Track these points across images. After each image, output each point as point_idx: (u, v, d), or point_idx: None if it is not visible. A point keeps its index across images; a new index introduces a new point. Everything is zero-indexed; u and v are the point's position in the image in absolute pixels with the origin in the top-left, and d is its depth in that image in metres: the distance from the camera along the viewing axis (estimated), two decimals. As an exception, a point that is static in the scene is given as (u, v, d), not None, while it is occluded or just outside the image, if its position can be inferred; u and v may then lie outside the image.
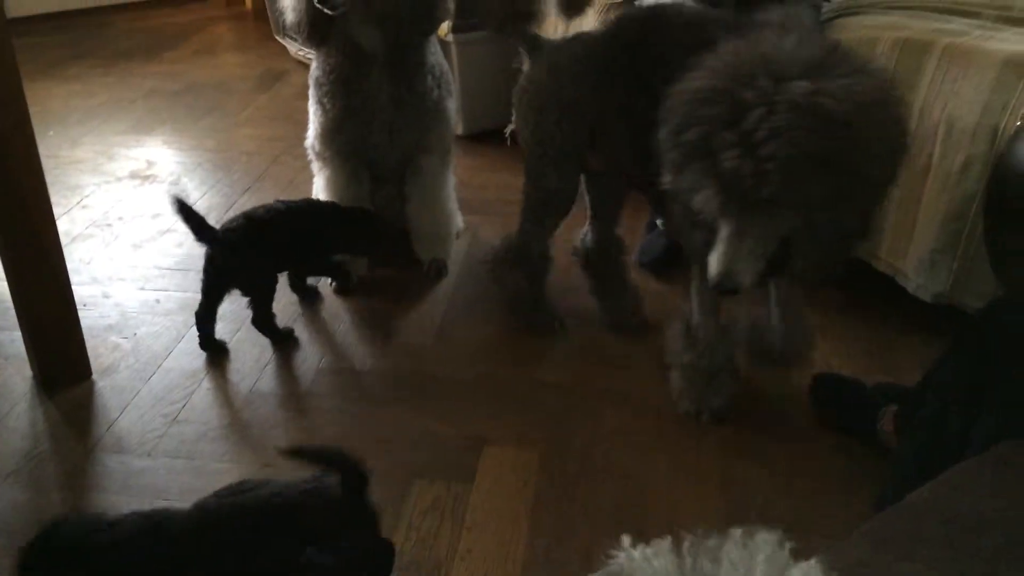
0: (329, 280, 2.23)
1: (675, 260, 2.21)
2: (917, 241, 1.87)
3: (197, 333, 1.97)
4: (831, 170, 1.20)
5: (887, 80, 1.37)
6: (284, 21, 2.16)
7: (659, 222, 2.30)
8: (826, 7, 2.13)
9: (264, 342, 2.00)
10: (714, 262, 1.32)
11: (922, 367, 1.49)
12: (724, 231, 1.31)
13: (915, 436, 1.30)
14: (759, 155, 1.19)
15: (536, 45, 1.86)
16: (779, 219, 1.27)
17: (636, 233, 2.32)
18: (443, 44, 2.71)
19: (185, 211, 1.88)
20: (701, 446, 1.67)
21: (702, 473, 1.60)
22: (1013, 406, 1.14)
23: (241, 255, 1.93)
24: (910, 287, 1.90)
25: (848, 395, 1.69)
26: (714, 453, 1.66)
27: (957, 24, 1.95)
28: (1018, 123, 1.47)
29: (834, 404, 1.71)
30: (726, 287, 1.32)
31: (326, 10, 1.93)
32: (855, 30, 1.96)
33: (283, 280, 2.09)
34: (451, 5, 2.12)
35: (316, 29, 2.06)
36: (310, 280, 2.20)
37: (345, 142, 2.19)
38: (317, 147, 2.23)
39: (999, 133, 1.68)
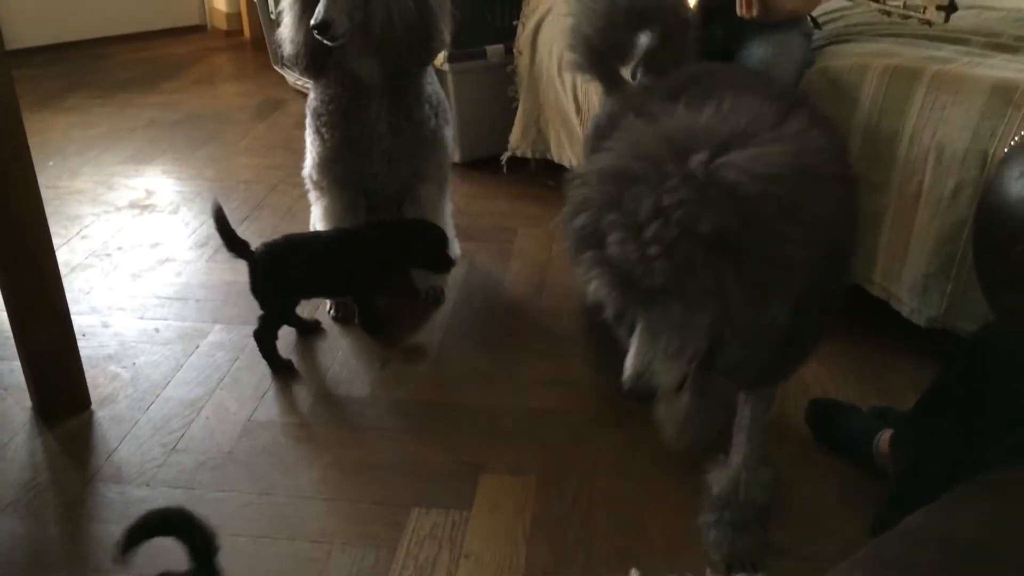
0: (328, 308, 2.24)
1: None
2: (910, 265, 1.88)
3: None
4: (731, 255, 1.00)
5: (826, 150, 1.16)
6: (282, 52, 2.18)
7: None
8: (817, 35, 2.16)
9: (263, 371, 2.00)
10: (628, 362, 1.13)
11: (917, 391, 1.50)
12: (638, 326, 1.13)
13: (910, 460, 1.31)
14: (643, 239, 1.01)
15: (614, 86, 1.80)
16: (693, 311, 1.08)
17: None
18: (439, 73, 2.74)
19: (220, 223, 2.00)
20: (698, 472, 1.67)
21: (699, 499, 1.60)
22: (1006, 430, 1.14)
23: (261, 272, 2.01)
24: (904, 311, 1.91)
25: (843, 419, 1.70)
26: (711, 478, 1.66)
27: (946, 51, 1.98)
28: (1006, 150, 1.49)
29: (830, 429, 1.72)
30: (640, 392, 1.12)
31: (326, 41, 1.95)
32: (846, 57, 1.99)
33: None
34: (447, 36, 2.14)
35: (315, 60, 2.09)
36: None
37: (343, 171, 2.20)
38: (315, 176, 2.25)
39: (989, 158, 1.70)
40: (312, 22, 1.92)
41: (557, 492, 1.64)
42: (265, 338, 2.01)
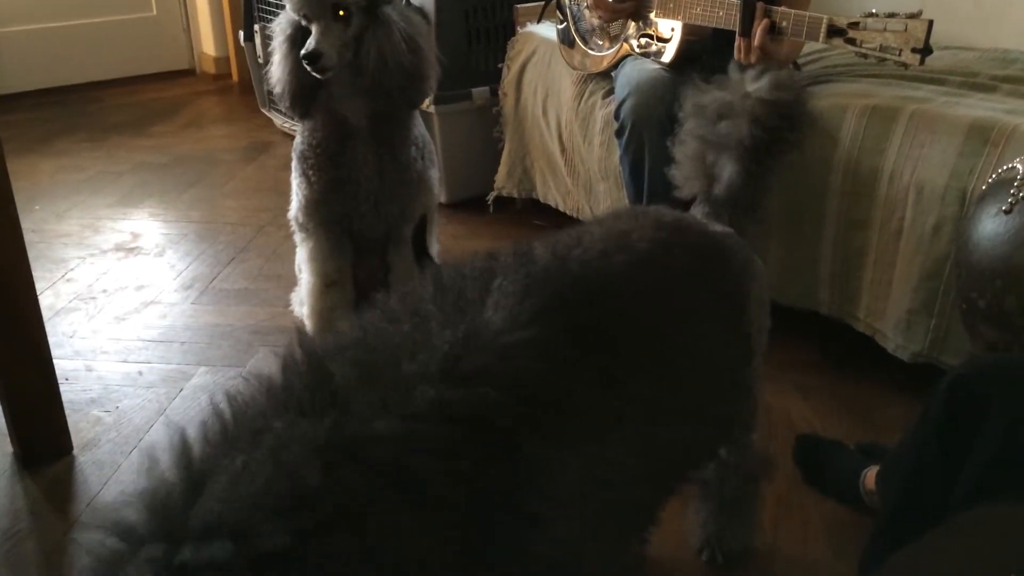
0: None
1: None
2: (894, 301, 1.89)
3: None
4: None
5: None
6: (274, 92, 2.20)
7: None
8: (797, 75, 2.19)
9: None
10: None
11: (904, 426, 1.50)
12: None
13: (895, 497, 1.30)
14: None
15: None
16: None
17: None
18: (425, 115, 2.76)
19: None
20: (687, 506, 1.66)
21: (688, 531, 1.59)
22: (986, 468, 1.14)
23: None
24: (889, 347, 1.91)
25: (830, 456, 1.70)
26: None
27: (924, 91, 2.01)
28: (983, 187, 1.51)
29: (816, 466, 1.71)
30: None
31: (315, 73, 1.96)
32: (825, 97, 2.01)
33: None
34: (434, 82, 2.16)
35: (301, 98, 2.10)
36: None
37: (329, 213, 2.21)
38: (301, 218, 2.25)
39: (968, 196, 1.72)
40: (303, 52, 1.94)
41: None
42: None
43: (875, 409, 1.95)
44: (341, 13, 1.96)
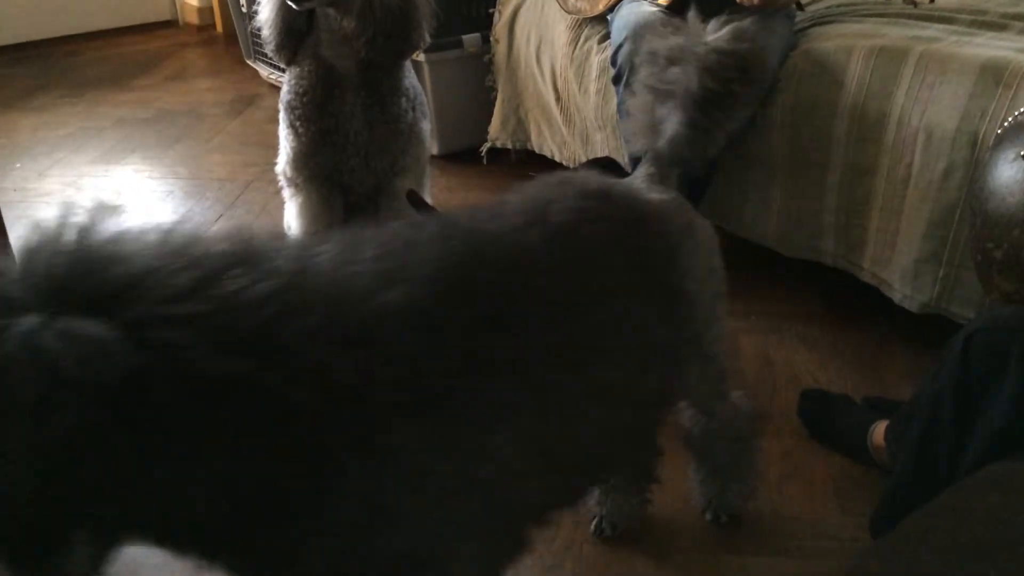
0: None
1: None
2: (901, 251, 1.84)
3: None
4: None
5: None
6: (262, 37, 2.12)
7: None
8: (800, 16, 2.12)
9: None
10: None
11: (911, 378, 1.46)
12: None
13: (908, 455, 1.27)
14: None
15: None
16: None
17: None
18: (415, 64, 2.67)
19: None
20: (688, 468, 1.63)
21: (693, 492, 1.56)
22: (1004, 424, 1.10)
23: None
24: (896, 298, 1.87)
25: (836, 411, 1.66)
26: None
27: (932, 30, 1.93)
28: (998, 131, 1.45)
29: (822, 421, 1.68)
30: None
31: (290, 3, 1.88)
32: (830, 39, 1.94)
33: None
34: (427, 34, 2.07)
35: (287, 40, 2.02)
36: None
37: (318, 166, 2.14)
38: (289, 172, 2.19)
39: (979, 140, 1.65)
40: None
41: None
42: None
43: (881, 361, 1.91)
44: None
